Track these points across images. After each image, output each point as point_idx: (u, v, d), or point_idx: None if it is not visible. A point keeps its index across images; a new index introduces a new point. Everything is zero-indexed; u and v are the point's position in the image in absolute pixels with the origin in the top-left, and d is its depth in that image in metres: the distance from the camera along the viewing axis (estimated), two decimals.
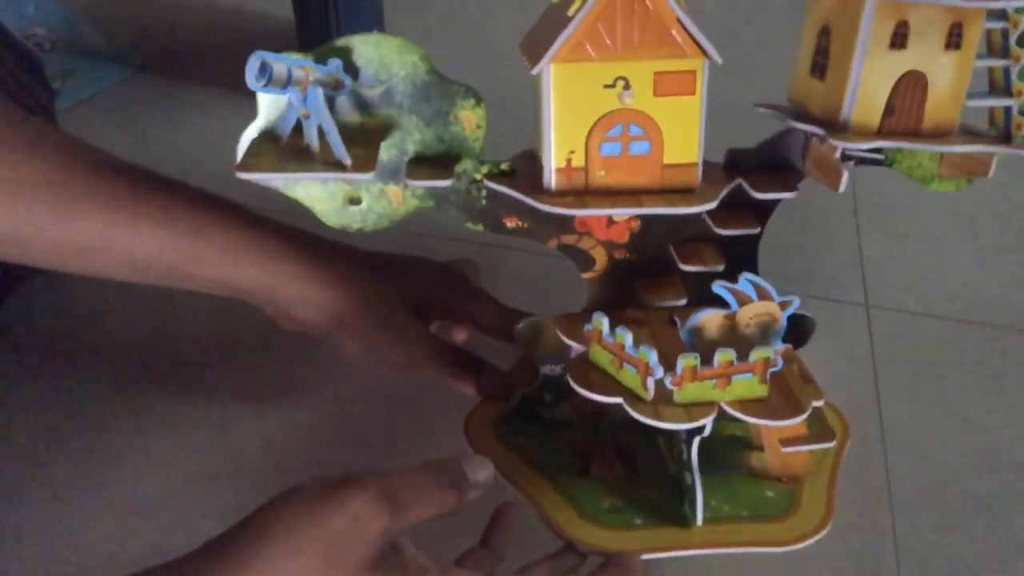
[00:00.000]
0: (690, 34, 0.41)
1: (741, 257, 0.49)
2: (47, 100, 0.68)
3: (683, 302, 0.49)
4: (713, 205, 0.44)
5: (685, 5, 0.41)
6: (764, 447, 0.50)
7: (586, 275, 0.51)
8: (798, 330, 0.53)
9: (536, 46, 0.43)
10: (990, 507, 0.56)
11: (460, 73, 0.46)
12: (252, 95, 0.46)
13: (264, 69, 0.40)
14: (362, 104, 0.45)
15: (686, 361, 0.43)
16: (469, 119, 0.46)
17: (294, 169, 0.42)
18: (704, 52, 0.42)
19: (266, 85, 0.40)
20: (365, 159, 0.43)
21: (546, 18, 0.46)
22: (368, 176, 0.42)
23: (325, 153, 0.43)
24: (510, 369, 0.58)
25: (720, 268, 0.48)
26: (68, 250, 0.50)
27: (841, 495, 0.51)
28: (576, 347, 0.48)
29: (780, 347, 0.45)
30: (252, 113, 0.46)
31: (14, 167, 0.48)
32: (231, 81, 0.82)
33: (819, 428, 0.50)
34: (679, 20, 0.41)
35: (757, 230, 0.48)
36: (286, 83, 0.41)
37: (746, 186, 0.46)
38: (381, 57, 0.44)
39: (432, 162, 0.46)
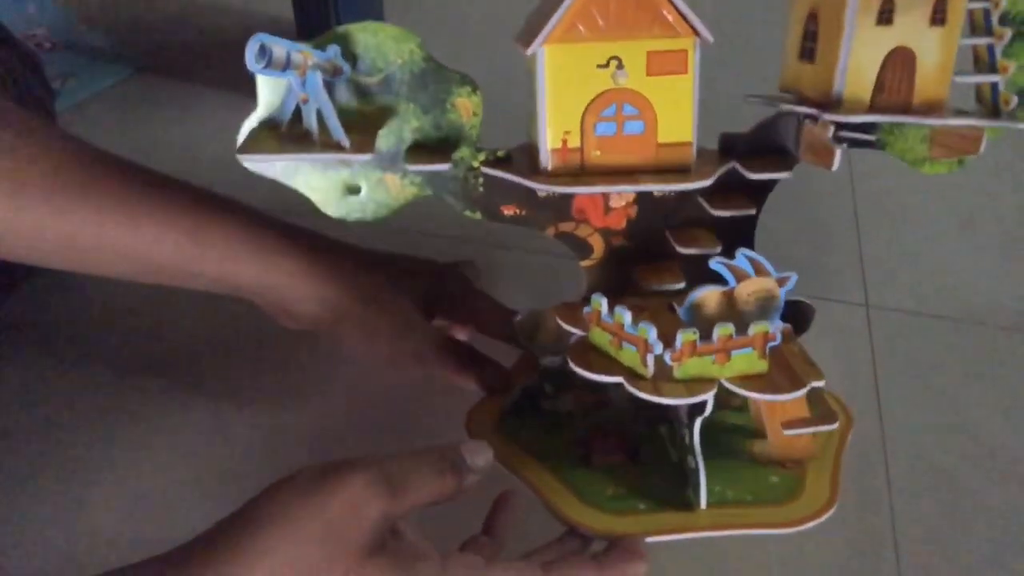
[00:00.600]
0: (681, 13, 0.42)
1: (738, 242, 0.49)
2: (47, 100, 0.68)
3: (681, 285, 0.49)
4: (709, 182, 0.45)
5: None
6: (766, 432, 0.50)
7: (584, 263, 0.51)
8: (798, 316, 0.52)
9: (530, 31, 0.44)
10: (990, 507, 0.56)
11: (458, 68, 0.47)
12: (252, 94, 0.46)
13: (263, 51, 0.41)
14: (360, 92, 0.46)
15: (685, 336, 0.43)
16: (466, 106, 0.47)
17: (294, 151, 0.42)
18: (695, 31, 0.43)
19: (265, 67, 0.41)
20: (364, 142, 0.43)
21: (540, 8, 0.47)
22: (367, 157, 0.43)
23: (324, 137, 0.43)
24: (511, 366, 0.58)
25: (717, 251, 0.48)
26: (68, 249, 0.51)
27: (841, 495, 0.51)
28: (576, 334, 0.48)
29: (779, 324, 0.45)
30: (252, 112, 0.47)
31: (14, 166, 0.48)
32: (231, 81, 0.84)
33: (821, 410, 0.49)
34: (672, 3, 0.42)
35: (753, 211, 0.48)
36: (285, 66, 0.41)
37: (740, 168, 0.47)
38: (379, 45, 0.45)
39: (430, 149, 0.47)
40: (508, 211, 0.49)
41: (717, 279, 0.44)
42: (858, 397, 0.63)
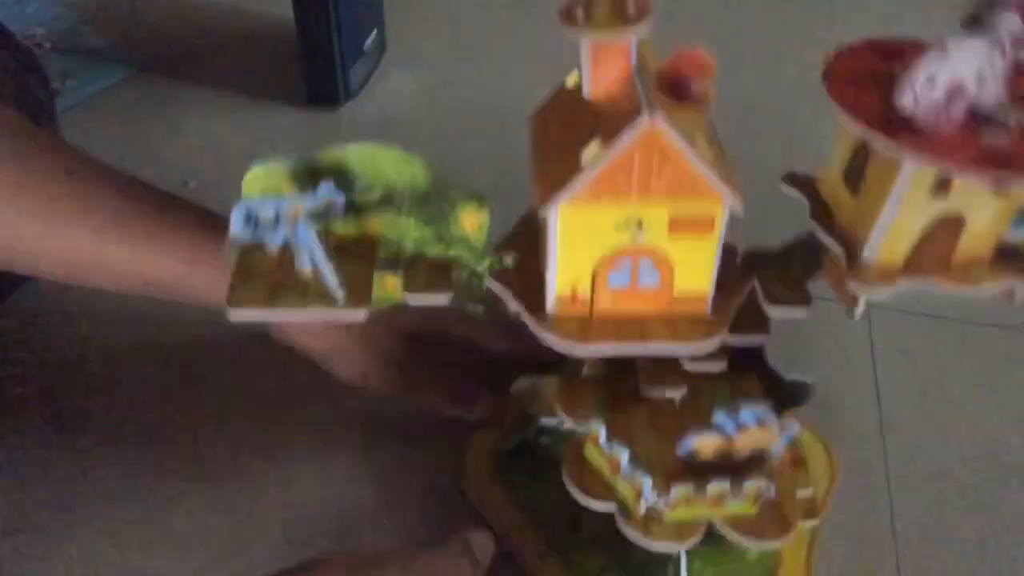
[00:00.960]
0: (708, 180, 0.38)
1: (746, 354, 0.48)
2: (47, 100, 0.65)
3: (682, 392, 0.48)
4: (719, 342, 0.42)
5: (709, 152, 0.37)
6: None
7: None
8: (795, 393, 0.52)
9: (544, 172, 0.39)
10: (990, 507, 0.57)
11: (459, 76, 0.43)
12: (252, 95, 0.43)
13: (249, 218, 0.37)
14: (357, 208, 0.42)
15: (680, 492, 0.43)
16: (471, 221, 0.43)
17: (287, 304, 0.40)
18: (724, 195, 0.38)
19: (254, 233, 0.37)
20: (358, 292, 0.40)
21: (558, 102, 0.42)
22: (361, 314, 0.41)
23: (318, 287, 0.40)
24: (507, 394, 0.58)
25: (723, 365, 0.47)
26: (66, 264, 0.51)
27: (841, 495, 0.52)
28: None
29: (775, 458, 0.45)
30: (251, 113, 0.45)
31: (14, 175, 0.48)
32: (231, 81, 0.79)
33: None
34: (700, 172, 0.37)
35: (765, 339, 0.46)
36: (275, 225, 0.38)
37: (761, 297, 0.44)
38: (377, 171, 0.41)
39: (430, 264, 0.44)
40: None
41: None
42: (858, 397, 0.64)
